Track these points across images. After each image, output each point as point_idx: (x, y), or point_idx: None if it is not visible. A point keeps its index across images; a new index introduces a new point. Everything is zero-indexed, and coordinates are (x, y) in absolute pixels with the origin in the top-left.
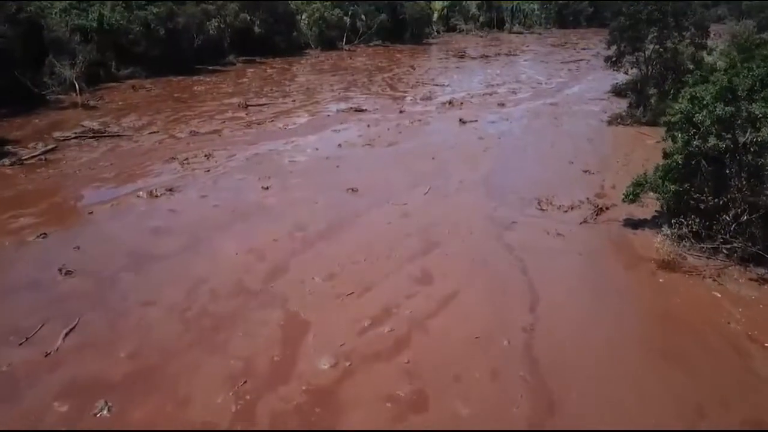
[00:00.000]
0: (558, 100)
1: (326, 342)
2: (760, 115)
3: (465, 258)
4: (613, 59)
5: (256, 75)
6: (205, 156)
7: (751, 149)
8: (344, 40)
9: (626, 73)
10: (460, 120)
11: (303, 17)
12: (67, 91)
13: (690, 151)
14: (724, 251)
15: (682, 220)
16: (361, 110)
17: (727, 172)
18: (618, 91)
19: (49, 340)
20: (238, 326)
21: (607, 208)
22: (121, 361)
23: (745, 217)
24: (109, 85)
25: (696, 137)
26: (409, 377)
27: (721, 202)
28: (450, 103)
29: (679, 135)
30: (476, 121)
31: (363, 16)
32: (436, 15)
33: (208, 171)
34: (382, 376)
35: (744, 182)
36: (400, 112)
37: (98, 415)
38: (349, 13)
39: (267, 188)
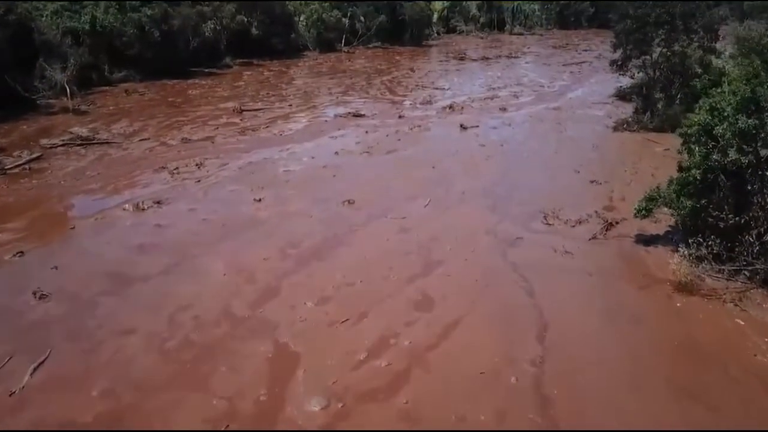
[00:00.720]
0: (561, 104)
1: (317, 379)
2: None
3: (468, 279)
4: (619, 63)
5: (253, 78)
6: (197, 165)
7: None
8: (343, 41)
9: (632, 77)
10: (461, 126)
11: (301, 19)
12: (58, 95)
13: (709, 165)
14: (746, 273)
15: (700, 239)
16: (360, 115)
17: (749, 188)
18: (622, 95)
19: (16, 376)
20: (223, 359)
21: (617, 223)
22: (92, 401)
23: None
24: (101, 89)
25: (715, 151)
26: (407, 420)
27: (742, 221)
28: (450, 107)
29: (696, 148)
30: (477, 126)
31: (362, 18)
32: (436, 16)
33: (199, 181)
34: (378, 420)
35: None
36: (399, 117)
37: None
38: (348, 14)
39: (259, 200)
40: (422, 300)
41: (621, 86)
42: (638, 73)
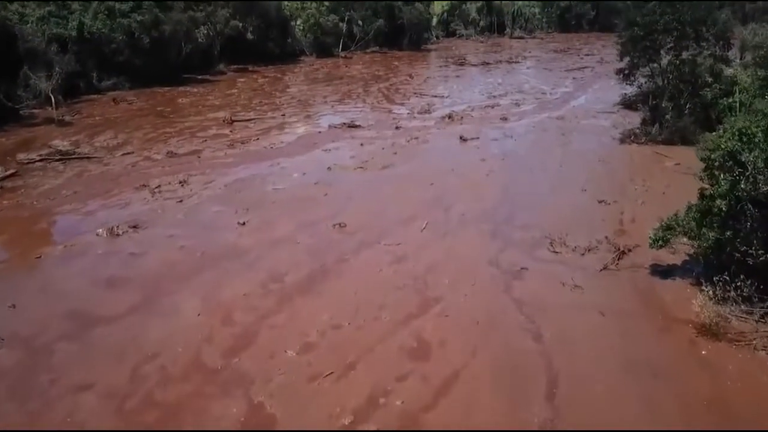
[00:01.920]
0: (564, 112)
1: None
2: None
3: (468, 320)
4: (626, 72)
5: (246, 85)
6: (180, 182)
7: None
8: (340, 46)
9: (640, 87)
10: (461, 137)
11: (297, 23)
12: (43, 104)
13: (736, 195)
14: None
15: (726, 277)
16: (355, 126)
17: None
18: (628, 103)
19: None
20: (188, 423)
21: (629, 250)
22: None
23: None
24: (89, 97)
25: (743, 179)
26: None
27: None
28: (449, 117)
29: (722, 176)
30: (478, 138)
31: (360, 22)
32: (435, 20)
33: (181, 201)
34: None
35: None
36: (396, 128)
37: None
38: (346, 18)
39: (243, 224)
40: (417, 347)
41: (626, 93)
42: (646, 82)
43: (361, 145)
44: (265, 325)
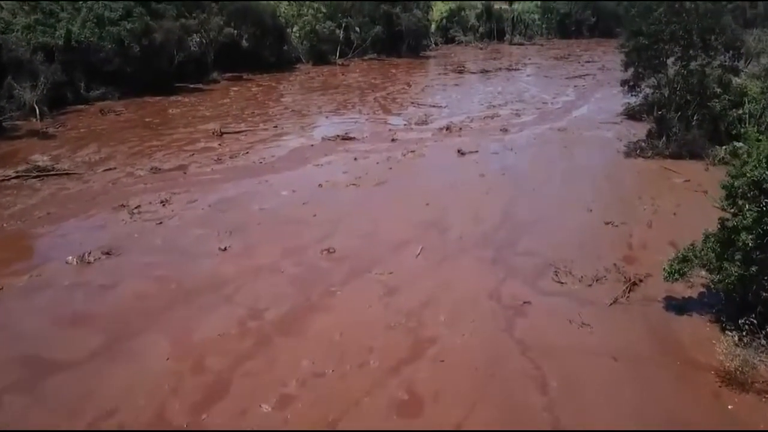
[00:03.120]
0: (566, 123)
1: None
2: None
3: (466, 366)
4: (631, 83)
5: (240, 94)
6: (161, 202)
7: None
8: (337, 53)
9: (646, 98)
10: (459, 151)
11: (294, 30)
12: (27, 116)
13: (763, 229)
14: None
15: (753, 320)
16: (349, 138)
17: None
18: (632, 114)
19: None
20: None
21: (640, 281)
22: None
23: None
24: (77, 108)
25: None
26: None
27: None
28: (447, 128)
29: (747, 206)
30: (477, 152)
31: (357, 29)
32: (434, 26)
33: (161, 223)
34: None
35: None
36: (392, 140)
37: None
38: (343, 25)
39: (225, 249)
40: (408, 400)
41: (629, 103)
42: (652, 93)
43: (355, 159)
44: (239, 372)
